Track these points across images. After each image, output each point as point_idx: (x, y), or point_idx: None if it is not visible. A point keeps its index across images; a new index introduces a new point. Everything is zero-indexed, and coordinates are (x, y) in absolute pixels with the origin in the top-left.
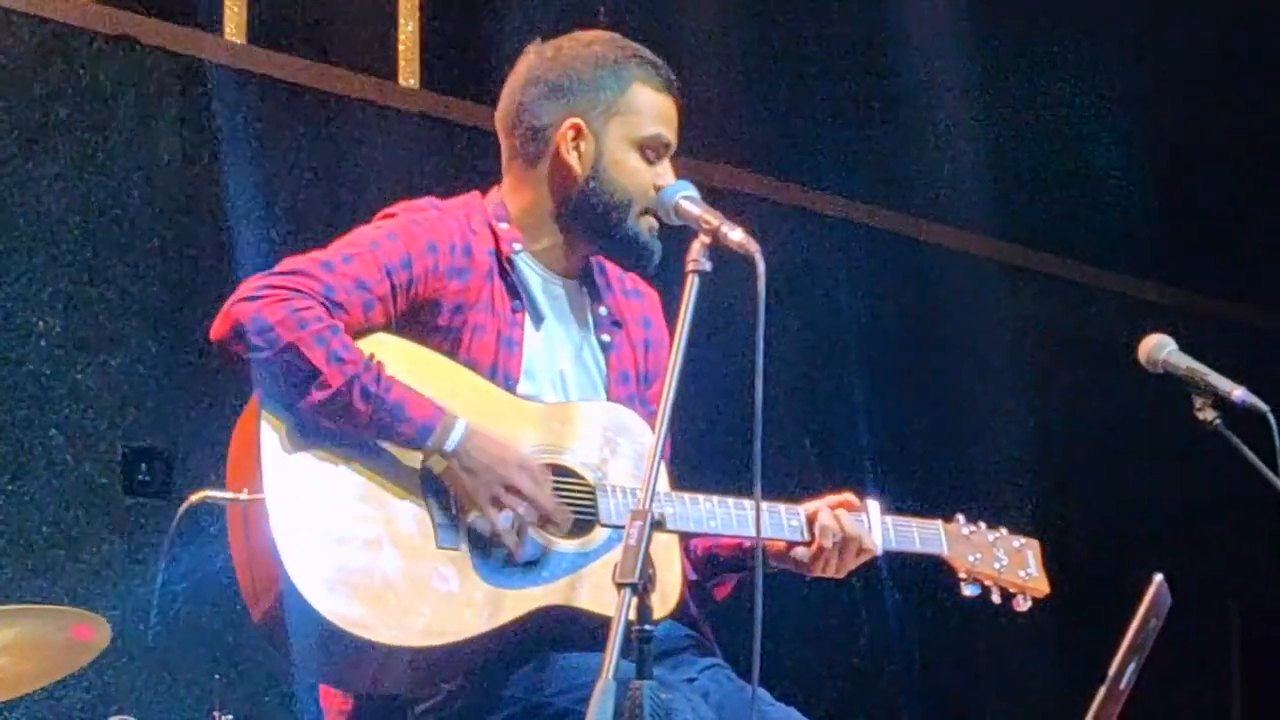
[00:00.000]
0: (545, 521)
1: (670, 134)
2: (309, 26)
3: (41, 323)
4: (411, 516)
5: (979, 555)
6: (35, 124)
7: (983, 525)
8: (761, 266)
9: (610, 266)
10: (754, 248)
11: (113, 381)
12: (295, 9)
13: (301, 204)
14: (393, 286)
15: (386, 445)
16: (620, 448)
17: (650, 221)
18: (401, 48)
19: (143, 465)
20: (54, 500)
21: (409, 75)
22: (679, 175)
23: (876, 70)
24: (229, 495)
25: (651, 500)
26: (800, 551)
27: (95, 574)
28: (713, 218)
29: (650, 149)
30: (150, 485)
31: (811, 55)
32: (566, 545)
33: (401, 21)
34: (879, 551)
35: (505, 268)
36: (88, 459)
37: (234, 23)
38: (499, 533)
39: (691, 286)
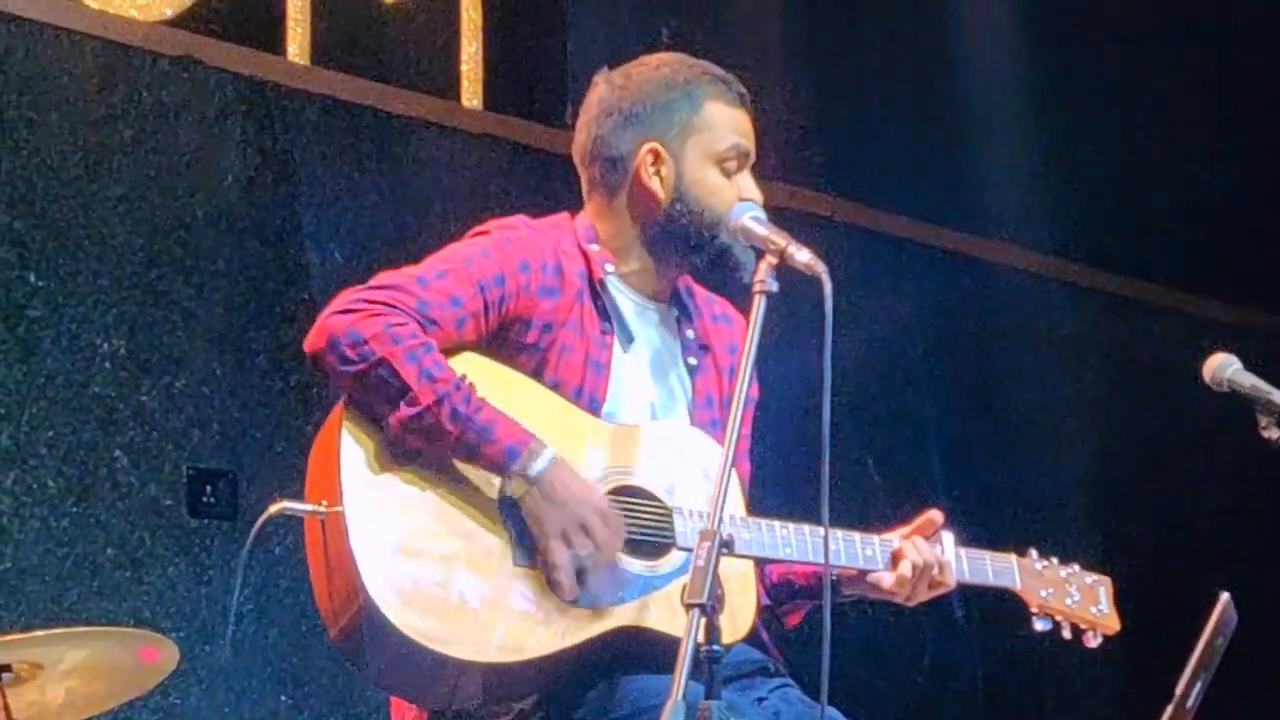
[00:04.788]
0: (608, 568)
1: (748, 144)
2: (372, 47)
3: (106, 344)
4: (489, 534)
5: (1051, 590)
6: (99, 145)
7: (1055, 560)
8: (829, 287)
9: (699, 290)
10: (821, 268)
11: (178, 403)
12: (358, 30)
13: (365, 225)
14: (485, 303)
15: (469, 467)
16: (695, 470)
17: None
18: (464, 68)
19: (208, 487)
20: (120, 522)
21: (472, 96)
22: None
23: (938, 89)
24: (307, 507)
25: (720, 521)
26: (876, 577)
27: (160, 596)
28: (780, 238)
29: (729, 162)
30: (216, 507)
31: (874, 74)
32: (640, 567)
33: (464, 42)
34: (953, 585)
35: (596, 290)
36: (153, 481)
37: (297, 43)
38: (559, 567)
39: (758, 307)
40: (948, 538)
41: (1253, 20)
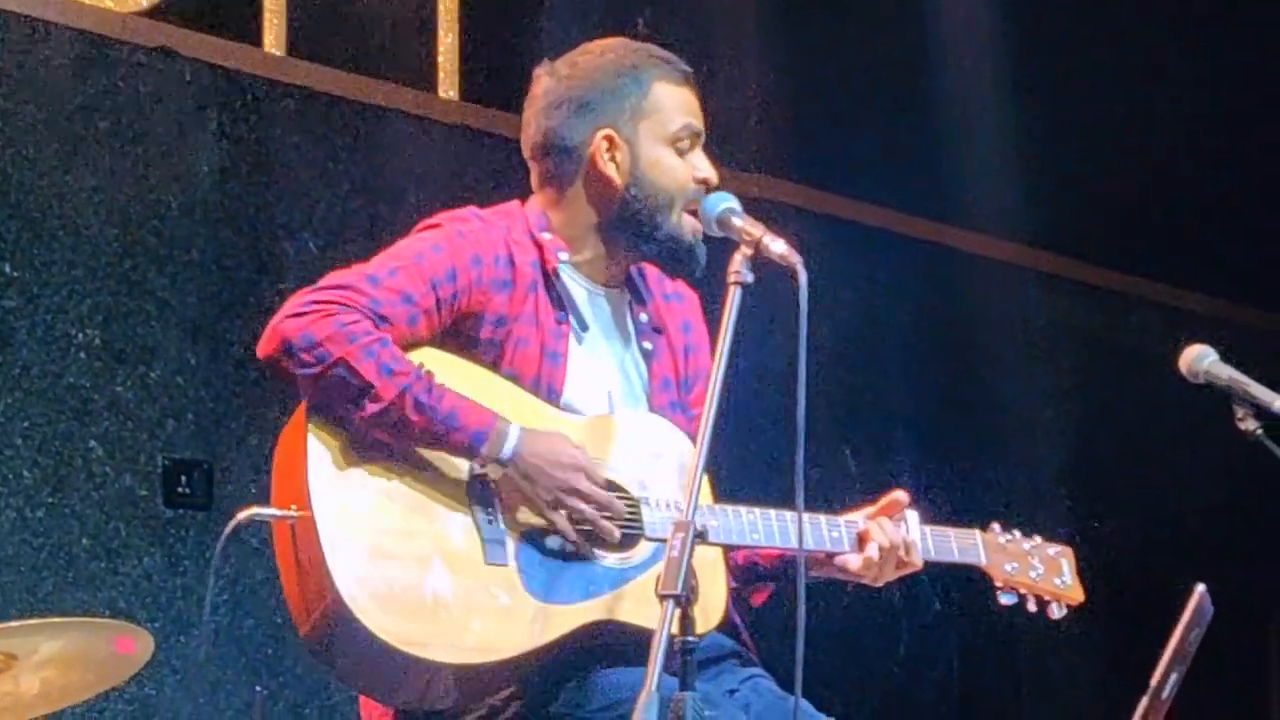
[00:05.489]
0: (601, 516)
1: (698, 123)
2: (347, 38)
3: (81, 335)
4: (459, 532)
5: (1016, 564)
6: (74, 136)
7: (1018, 533)
8: (804, 278)
9: (650, 270)
10: (796, 259)
11: (152, 394)
12: (334, 20)
13: (340, 215)
14: (438, 300)
15: (435, 456)
16: (661, 459)
17: (693, 223)
18: (440, 59)
19: (183, 477)
20: (94, 513)
21: (448, 87)
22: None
23: (912, 79)
24: (277, 513)
25: (694, 512)
26: (844, 560)
27: (136, 586)
28: (755, 229)
29: (681, 141)
30: (191, 497)
31: (849, 64)
32: (611, 559)
33: (440, 33)
34: (920, 565)
35: (550, 279)
36: (128, 471)
37: (273, 34)
38: (562, 531)
39: (733, 299)
40: (912, 516)
41: (1233, 12)
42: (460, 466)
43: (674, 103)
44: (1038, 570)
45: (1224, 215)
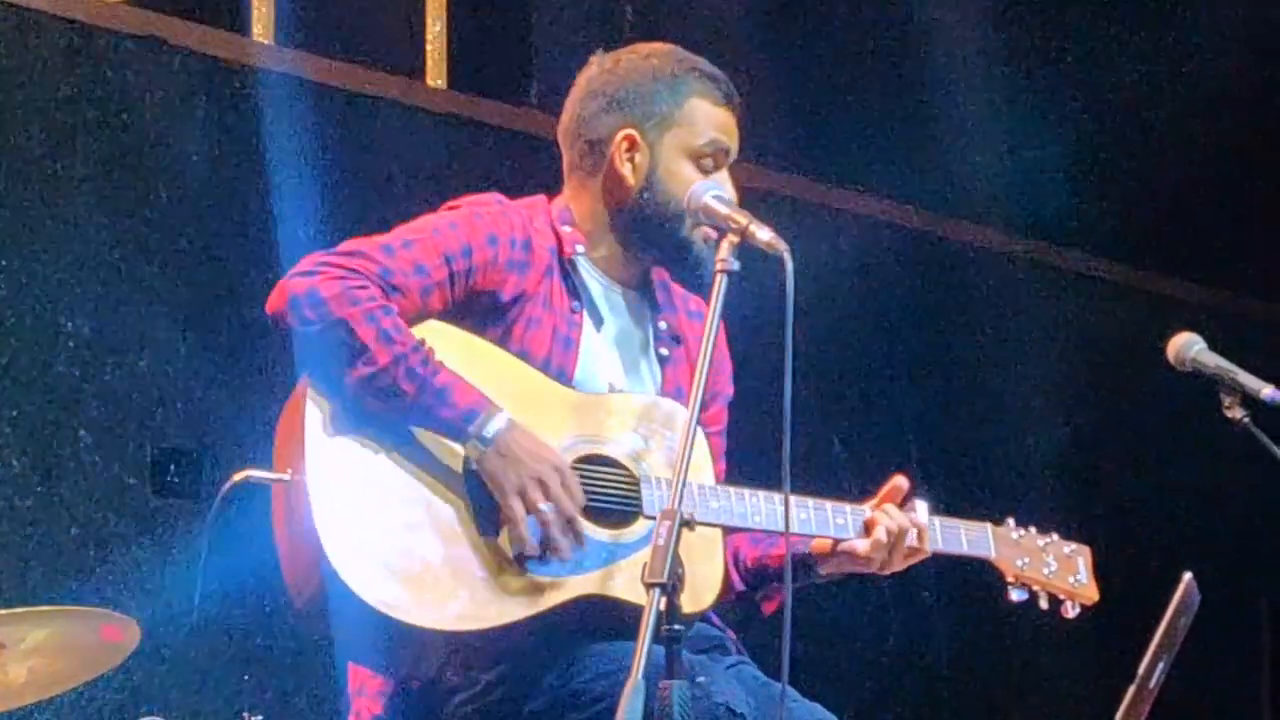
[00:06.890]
0: (567, 525)
1: (728, 142)
2: (336, 26)
3: (70, 324)
4: (453, 502)
5: (1027, 559)
6: (63, 125)
7: (1033, 530)
8: (790, 266)
9: (675, 286)
10: (783, 246)
11: (142, 383)
12: (323, 9)
13: (329, 205)
14: (451, 273)
15: (428, 432)
16: (665, 440)
17: (706, 233)
18: (429, 48)
19: (172, 466)
20: (83, 501)
21: (437, 75)
22: None
23: (907, 67)
24: (271, 475)
25: (681, 499)
26: (850, 545)
27: (125, 575)
28: (741, 217)
29: (706, 158)
30: (180, 486)
31: (841, 52)
32: (606, 535)
33: (429, 21)
34: (929, 552)
35: (566, 268)
36: (117, 460)
37: (261, 23)
38: (514, 521)
39: (720, 286)
40: (921, 506)
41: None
42: (457, 443)
43: (707, 119)
44: (1051, 567)
45: (1215, 204)
